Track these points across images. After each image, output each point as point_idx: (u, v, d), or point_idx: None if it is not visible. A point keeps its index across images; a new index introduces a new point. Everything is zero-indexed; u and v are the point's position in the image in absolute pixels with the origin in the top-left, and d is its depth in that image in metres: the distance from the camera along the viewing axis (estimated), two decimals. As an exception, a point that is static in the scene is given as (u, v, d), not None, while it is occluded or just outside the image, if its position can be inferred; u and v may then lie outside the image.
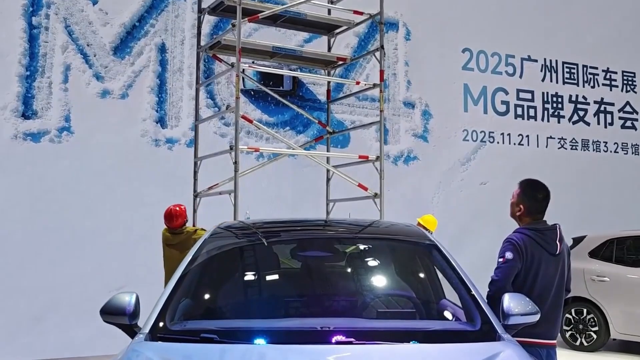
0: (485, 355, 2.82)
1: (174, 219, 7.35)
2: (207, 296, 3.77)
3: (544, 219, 4.11)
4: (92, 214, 9.14)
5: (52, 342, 8.55)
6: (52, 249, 8.87)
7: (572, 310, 9.28)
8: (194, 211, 8.56)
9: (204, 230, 7.38)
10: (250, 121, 8.40)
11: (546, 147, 12.94)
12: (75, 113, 9.23)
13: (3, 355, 8.30)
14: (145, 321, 3.18)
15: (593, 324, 9.12)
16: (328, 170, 9.32)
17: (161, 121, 9.80)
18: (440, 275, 4.00)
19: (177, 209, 7.37)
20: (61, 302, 8.74)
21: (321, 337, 3.02)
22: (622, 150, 13.75)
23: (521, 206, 4.08)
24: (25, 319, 8.60)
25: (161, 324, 3.13)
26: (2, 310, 8.51)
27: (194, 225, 8.06)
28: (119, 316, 3.18)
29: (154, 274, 7.62)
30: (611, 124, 13.70)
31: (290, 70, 9.84)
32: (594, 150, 13.44)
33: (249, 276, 3.98)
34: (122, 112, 9.51)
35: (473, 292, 3.43)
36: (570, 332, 9.33)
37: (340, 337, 2.97)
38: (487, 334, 3.13)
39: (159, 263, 7.59)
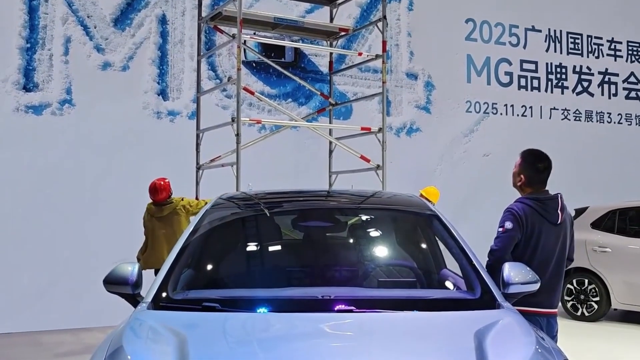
0: (485, 323, 2.84)
1: (158, 192, 7.55)
2: (208, 266, 3.79)
3: (546, 188, 4.11)
4: (94, 186, 9.16)
5: (58, 314, 8.63)
6: (55, 222, 8.91)
7: (574, 281, 9.33)
8: (197, 184, 8.57)
9: (185, 198, 7.60)
10: (252, 93, 8.36)
11: (550, 118, 12.88)
12: (76, 85, 9.20)
13: (9, 326, 8.39)
14: (148, 291, 3.21)
15: (594, 294, 9.17)
16: (330, 142, 9.30)
17: (163, 93, 9.77)
18: (441, 245, 4.02)
19: (162, 182, 7.60)
20: (65, 274, 8.81)
21: (322, 306, 3.04)
22: (626, 121, 13.68)
23: (522, 176, 4.07)
24: (30, 292, 8.68)
25: (163, 293, 3.16)
26: (7, 283, 8.58)
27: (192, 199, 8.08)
28: (121, 286, 3.21)
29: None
30: (615, 94, 13.62)
31: (292, 41, 9.76)
32: (597, 121, 13.38)
33: (251, 246, 4.00)
34: (123, 85, 9.48)
35: (473, 262, 3.44)
36: (571, 303, 9.39)
37: (341, 306, 3.00)
38: (486, 302, 3.16)
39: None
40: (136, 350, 2.60)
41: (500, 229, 3.95)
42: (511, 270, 3.30)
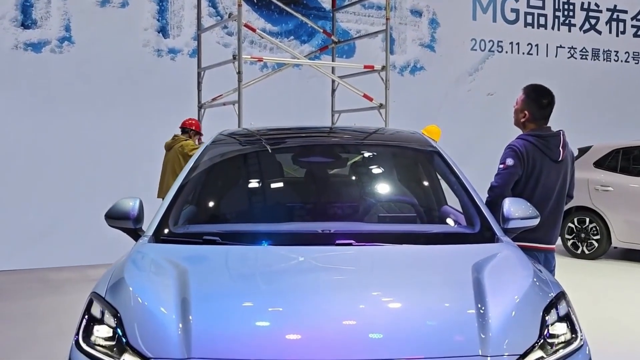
0: (483, 256, 2.86)
1: (183, 121, 8.00)
2: (209, 202, 3.80)
3: (549, 125, 4.07)
4: (95, 125, 9.14)
5: (63, 251, 8.75)
6: (58, 161, 8.94)
7: (575, 220, 9.38)
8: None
9: (189, 141, 7.74)
10: (254, 30, 8.23)
11: (556, 56, 12.70)
12: (75, 22, 9.07)
13: (16, 263, 8.52)
14: (149, 225, 3.23)
15: (595, 232, 9.23)
16: (333, 81, 9.22)
17: (163, 31, 9.63)
18: (442, 182, 4.02)
19: (193, 119, 8.17)
20: (70, 213, 8.89)
21: (322, 239, 3.06)
22: (634, 59, 13.48)
23: (526, 112, 4.02)
24: (36, 230, 8.77)
25: (164, 227, 3.18)
26: (14, 222, 8.67)
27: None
28: (123, 220, 3.22)
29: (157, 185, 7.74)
30: (623, 32, 13.37)
31: (294, -23, 9.56)
32: (604, 59, 13.19)
33: (252, 182, 4.00)
34: (122, 22, 9.34)
35: (474, 197, 3.44)
36: (572, 241, 9.46)
37: (340, 240, 3.02)
38: (486, 237, 3.17)
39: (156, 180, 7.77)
40: (137, 282, 2.63)
41: (501, 166, 3.94)
42: (511, 206, 3.30)
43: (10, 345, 5.39)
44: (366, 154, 4.19)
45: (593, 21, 13.05)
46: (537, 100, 4.00)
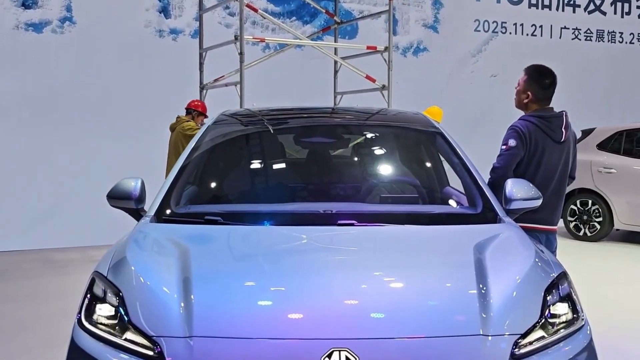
0: (485, 236, 2.85)
1: (189, 103, 7.93)
2: (210, 182, 3.80)
3: (551, 106, 4.05)
4: (97, 106, 9.13)
5: (67, 232, 8.78)
6: (61, 142, 8.93)
7: (577, 202, 9.37)
8: (201, 103, 8.54)
9: (191, 122, 7.69)
10: (256, 10, 8.18)
11: (560, 37, 12.62)
12: (77, 2, 9.03)
13: (20, 244, 8.56)
14: (151, 205, 3.23)
15: (597, 214, 9.22)
16: (335, 62, 9.18)
17: (164, 11, 9.58)
18: (445, 164, 4.00)
19: (199, 100, 8.14)
20: (73, 194, 8.90)
21: (324, 220, 3.06)
22: (639, 41, 13.38)
23: (528, 93, 4.00)
24: (39, 211, 8.80)
25: (166, 207, 3.18)
26: (17, 203, 8.70)
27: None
28: (125, 200, 3.21)
29: (160, 165, 7.74)
30: (628, 13, 13.26)
31: (297, -44, 9.48)
32: (609, 41, 13.10)
33: (253, 163, 3.99)
34: (124, 2, 9.30)
35: (476, 178, 3.43)
36: (574, 223, 9.46)
37: (342, 220, 3.02)
38: (488, 217, 3.17)
39: (164, 154, 7.74)
40: (139, 261, 2.63)
41: (504, 147, 3.92)
42: (513, 187, 3.29)
43: (14, 325, 5.43)
44: (368, 135, 4.17)
45: (598, 2, 12.94)
46: (540, 81, 3.99)
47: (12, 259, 8.09)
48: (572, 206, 9.41)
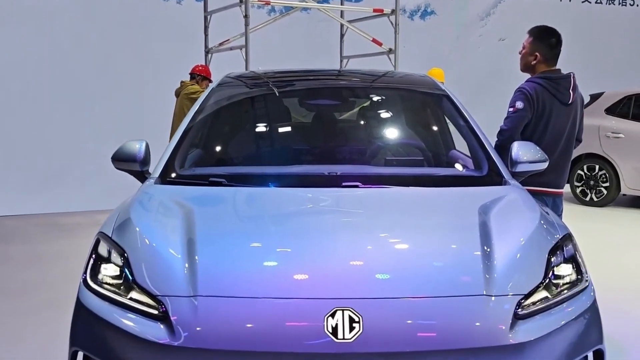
0: (490, 198, 2.84)
1: (193, 68, 7.88)
2: (214, 145, 3.78)
3: (558, 67, 4.00)
4: (102, 69, 9.09)
5: (73, 196, 8.81)
6: (65, 105, 8.92)
7: (584, 167, 9.33)
8: (206, 67, 8.49)
9: (195, 86, 7.66)
10: (261, -28, 8.07)
11: (570, 1, 12.42)
12: (80, -35, 8.93)
13: (27, 208, 8.61)
14: (155, 167, 3.22)
15: (604, 180, 9.19)
16: (342, 25, 9.08)
17: (168, -27, 9.47)
18: (451, 128, 3.97)
19: (201, 67, 8.02)
20: (78, 159, 8.92)
21: (328, 182, 3.05)
22: (650, 4, 13.19)
23: (536, 54, 3.95)
24: (45, 176, 8.83)
25: (170, 169, 3.17)
26: (24, 168, 8.73)
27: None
28: (129, 162, 3.21)
29: (165, 129, 7.74)
30: (640, -25, 13.05)
31: None
32: (619, 4, 12.88)
33: (258, 125, 3.97)
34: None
35: (482, 141, 3.41)
36: (580, 188, 9.43)
37: (346, 182, 3.01)
38: (493, 180, 3.15)
39: (169, 118, 7.73)
40: (144, 222, 2.63)
41: (511, 109, 3.89)
42: (520, 149, 3.26)
43: (21, 286, 5.49)
44: (374, 98, 4.14)
45: (609, -36, 12.72)
46: (546, 40, 3.94)
47: (18, 222, 8.15)
48: (579, 171, 9.37)
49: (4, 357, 3.92)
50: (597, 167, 9.23)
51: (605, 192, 9.21)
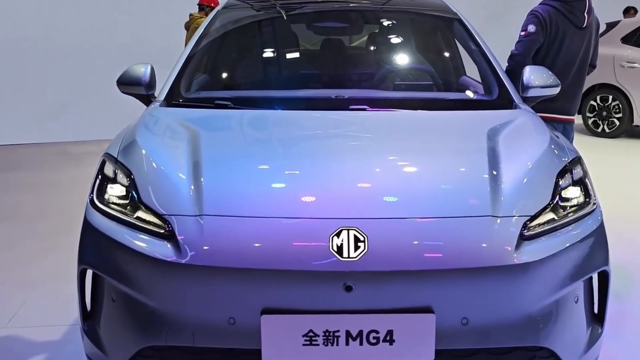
0: (500, 121, 2.80)
1: None
2: (220, 69, 3.73)
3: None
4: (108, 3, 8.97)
5: (82, 125, 8.83)
6: (75, 36, 8.85)
7: (597, 97, 9.20)
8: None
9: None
10: None
11: None
12: None
13: (37, 137, 8.64)
14: (160, 90, 3.19)
15: (617, 110, 9.07)
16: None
17: None
18: (463, 54, 3.89)
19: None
20: (88, 87, 8.89)
21: (335, 104, 3.02)
22: None
23: (551, -25, 3.83)
24: (55, 105, 8.83)
25: (176, 92, 3.14)
26: (33, 97, 8.73)
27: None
28: (135, 86, 3.17)
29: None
30: None
31: None
32: None
33: (265, 49, 3.90)
34: None
35: (494, 65, 3.34)
36: (593, 119, 9.33)
37: (354, 105, 2.97)
38: (503, 104, 3.10)
39: (179, 51, 7.65)
40: (149, 144, 2.61)
41: (523, 33, 3.81)
42: (531, 74, 3.20)
43: (33, 212, 5.57)
44: (384, 22, 4.04)
45: None
46: None
47: (29, 150, 8.20)
48: (592, 102, 9.24)
49: (21, 278, 4.01)
50: (610, 97, 9.09)
51: (617, 123, 9.10)
